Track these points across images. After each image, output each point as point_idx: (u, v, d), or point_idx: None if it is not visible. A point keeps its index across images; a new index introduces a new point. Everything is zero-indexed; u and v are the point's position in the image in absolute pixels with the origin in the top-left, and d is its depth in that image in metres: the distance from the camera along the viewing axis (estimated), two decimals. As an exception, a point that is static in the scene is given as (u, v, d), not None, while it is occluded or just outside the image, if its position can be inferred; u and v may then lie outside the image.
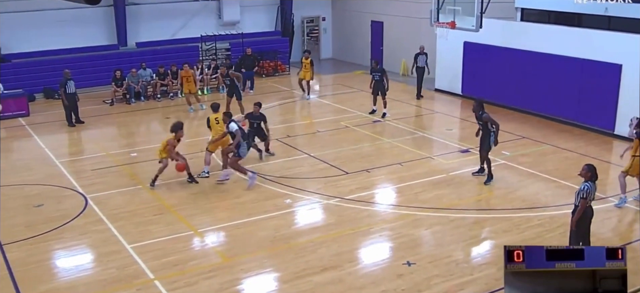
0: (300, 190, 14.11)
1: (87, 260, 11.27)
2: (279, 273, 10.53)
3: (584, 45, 18.62)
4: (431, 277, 10.24)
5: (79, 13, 24.29)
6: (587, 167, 9.87)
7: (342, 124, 19.42)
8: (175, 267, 10.65)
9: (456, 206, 13.16)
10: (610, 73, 17.73)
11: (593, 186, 9.71)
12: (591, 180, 9.70)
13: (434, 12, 19.93)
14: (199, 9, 27.93)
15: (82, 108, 20.42)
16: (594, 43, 18.41)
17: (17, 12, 23.92)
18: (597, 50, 18.18)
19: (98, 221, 12.60)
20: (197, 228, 12.19)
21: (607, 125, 18.04)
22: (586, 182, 9.69)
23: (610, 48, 17.88)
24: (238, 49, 26.77)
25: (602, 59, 17.95)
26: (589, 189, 9.65)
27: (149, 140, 18.41)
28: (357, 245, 11.58)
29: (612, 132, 17.92)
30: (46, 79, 23.98)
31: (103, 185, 14.56)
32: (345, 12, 30.83)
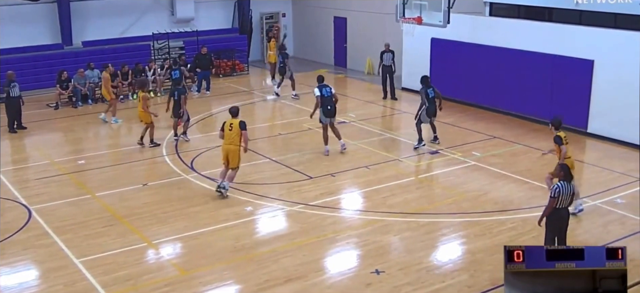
0: (261, 196, 14.06)
1: (31, 277, 11.04)
2: (241, 286, 10.49)
3: (554, 41, 18.95)
4: (401, 285, 10.29)
5: (18, 10, 23.87)
6: (560, 166, 10.07)
7: (305, 126, 19.42)
8: (127, 282, 10.51)
9: (426, 210, 13.27)
10: (582, 69, 18.08)
11: (566, 186, 9.88)
12: (565, 180, 9.87)
13: (400, 7, 20.10)
14: (150, 6, 27.69)
15: (24, 112, 20.03)
16: (565, 38, 18.75)
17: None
18: (568, 46, 18.52)
19: (43, 234, 12.38)
20: (151, 240, 12.05)
21: (579, 123, 18.37)
22: (559, 182, 9.87)
23: (582, 43, 18.23)
24: (193, 48, 26.56)
25: (574, 54, 18.30)
26: (560, 189, 9.81)
27: (97, 146, 18.17)
28: (323, 253, 11.58)
29: (585, 130, 18.28)
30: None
31: (48, 196, 14.31)
32: (306, 7, 30.89)
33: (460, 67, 21.61)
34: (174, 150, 17.33)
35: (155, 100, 23.48)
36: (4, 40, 24.38)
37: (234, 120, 13.80)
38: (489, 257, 11.12)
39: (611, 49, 17.47)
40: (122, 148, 17.94)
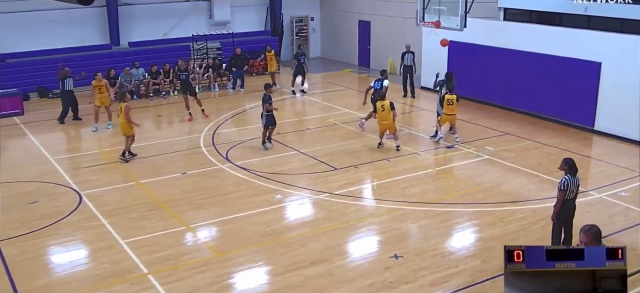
0: (290, 185, 14.10)
1: (81, 255, 11.20)
2: (270, 267, 10.52)
3: (564, 44, 18.70)
4: (418, 269, 10.26)
5: (72, 13, 24.13)
6: (565, 161, 9.94)
7: (330, 121, 19.42)
8: (167, 262, 10.61)
9: (442, 200, 13.19)
10: (590, 70, 17.82)
11: (572, 179, 9.77)
12: (570, 174, 9.76)
13: (420, 12, 19.94)
14: (190, 9, 27.83)
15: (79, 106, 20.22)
16: (575, 42, 18.49)
17: (11, 13, 23.73)
18: (577, 49, 18.27)
19: (92, 217, 12.54)
20: (189, 224, 12.15)
21: (587, 121, 18.14)
22: (565, 176, 9.76)
23: (590, 46, 17.96)
24: (229, 49, 26.66)
25: (582, 57, 18.03)
26: (567, 182, 9.72)
27: (141, 138, 18.32)
28: (346, 239, 11.59)
29: (592, 127, 18.03)
30: (40, 78, 23.82)
31: (97, 182, 14.48)
32: (333, 11, 30.81)
33: (476, 68, 21.41)
34: (210, 142, 17.44)
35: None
36: (60, 40, 24.80)
37: (384, 102, 16.15)
38: (500, 244, 10.99)
39: (617, 52, 17.19)
40: (163, 140, 18.07)
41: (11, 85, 22.01)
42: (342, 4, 30.01)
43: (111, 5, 25.66)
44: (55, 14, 23.86)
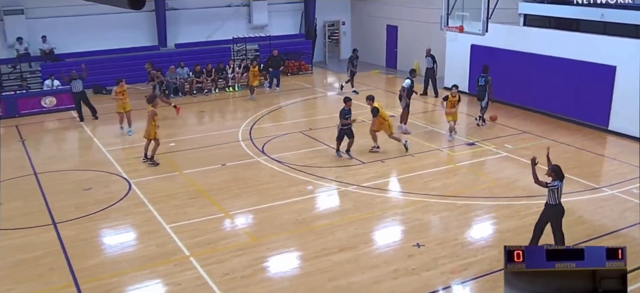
0: (320, 177, 14.13)
1: (130, 238, 11.40)
2: (301, 253, 10.57)
3: (581, 49, 18.36)
4: (438, 257, 10.21)
5: (124, 17, 24.50)
6: (552, 168, 9.78)
7: (359, 119, 19.33)
8: (208, 246, 10.74)
9: (462, 194, 13.08)
10: (605, 74, 17.47)
11: (561, 184, 9.65)
12: (559, 180, 9.63)
13: (444, 17, 19.80)
14: (231, 14, 28.01)
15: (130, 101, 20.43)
16: (591, 46, 18.14)
17: (68, 16, 24.22)
18: (593, 53, 17.92)
19: (140, 203, 12.74)
20: (228, 211, 12.26)
21: (601, 122, 17.80)
22: (554, 181, 9.64)
23: (606, 51, 17.61)
24: (266, 50, 26.79)
25: (598, 61, 17.69)
26: (559, 186, 9.64)
27: (185, 132, 18.56)
28: (372, 228, 11.58)
29: (606, 128, 17.68)
30: (95, 76, 24.14)
31: (145, 172, 14.70)
32: (363, 17, 30.70)
33: (496, 71, 21.03)
34: (248, 136, 17.56)
35: (234, 93, 23.89)
36: (113, 41, 25.22)
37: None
38: (516, 236, 10.92)
39: (632, 57, 16.74)
40: (205, 134, 18.25)
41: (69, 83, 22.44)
42: (371, 9, 29.89)
43: (160, 9, 25.97)
44: (109, 18, 24.26)
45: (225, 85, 24.42)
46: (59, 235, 11.25)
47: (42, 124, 19.80)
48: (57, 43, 24.21)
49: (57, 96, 21.15)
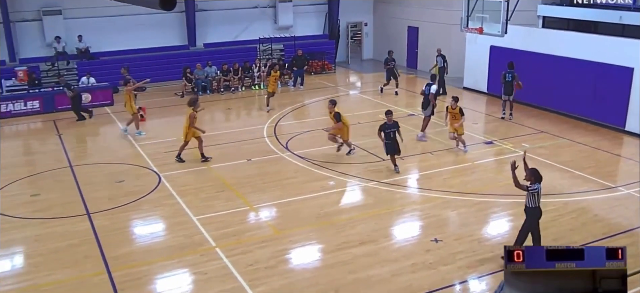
0: (342, 173, 14.14)
1: (159, 228, 11.55)
2: (323, 245, 10.61)
3: (599, 50, 18.07)
4: (456, 252, 10.17)
5: (156, 18, 24.74)
6: (531, 171, 9.55)
7: (380, 117, 19.28)
8: (233, 237, 10.83)
9: (480, 191, 13.00)
10: (622, 75, 17.17)
11: (540, 186, 9.46)
12: (538, 182, 9.43)
13: (464, 19, 19.66)
14: (257, 15, 28.11)
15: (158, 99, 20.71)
16: (609, 48, 17.84)
17: (103, 17, 24.54)
18: (611, 55, 17.63)
19: (169, 196, 12.89)
20: (253, 205, 12.35)
21: (618, 122, 17.51)
22: (534, 184, 9.42)
23: (624, 53, 17.29)
24: (291, 50, 26.87)
25: (616, 62, 17.40)
26: (539, 189, 9.44)
27: (213, 128, 18.68)
28: (391, 223, 11.57)
29: (623, 128, 17.40)
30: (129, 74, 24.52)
31: (174, 165, 14.85)
32: (385, 18, 30.58)
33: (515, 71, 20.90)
34: (273, 133, 17.64)
35: (260, 91, 24.02)
36: (145, 41, 25.50)
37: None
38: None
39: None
40: (232, 130, 18.38)
41: (103, 80, 22.82)
42: (393, 10, 29.76)
43: (189, 10, 26.18)
44: (141, 18, 24.52)
45: (251, 84, 24.56)
46: (93, 225, 11.45)
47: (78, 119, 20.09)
48: (93, 42, 24.57)
49: (92, 92, 21.47)
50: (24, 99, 20.45)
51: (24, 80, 22.10)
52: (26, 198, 12.94)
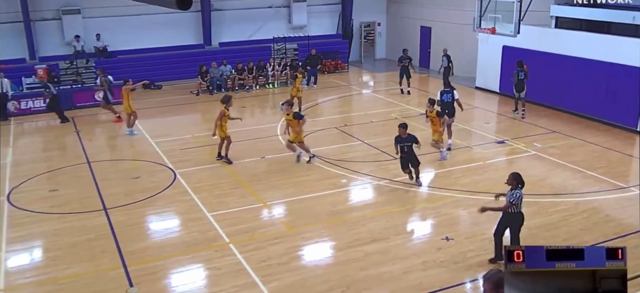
0: (354, 172, 14.13)
1: (174, 224, 11.63)
2: (335, 242, 10.61)
3: (612, 51, 17.87)
4: (466, 251, 10.12)
5: (172, 17, 24.84)
6: (513, 176, 9.34)
7: (392, 116, 19.29)
8: (246, 234, 10.86)
9: (491, 190, 12.81)
10: (635, 76, 16.94)
11: (521, 192, 9.26)
12: (518, 188, 9.24)
13: (477, 19, 19.54)
14: (272, 15, 28.16)
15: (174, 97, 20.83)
16: (622, 49, 17.64)
17: (120, 16, 24.72)
18: (624, 55, 17.42)
19: (184, 192, 12.96)
20: (266, 202, 12.38)
21: (631, 122, 17.31)
22: (514, 190, 9.23)
23: (637, 53, 17.05)
24: (304, 50, 26.89)
25: (629, 63, 17.19)
26: (520, 196, 9.23)
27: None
28: (403, 221, 11.54)
29: (635, 128, 17.20)
30: (144, 72, 24.64)
31: (189, 162, 14.93)
32: (398, 18, 30.49)
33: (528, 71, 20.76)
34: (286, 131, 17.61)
35: (274, 90, 24.06)
36: (161, 39, 25.66)
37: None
38: (543, 232, 10.75)
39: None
40: (246, 127, 18.40)
41: (120, 78, 22.88)
42: (406, 10, 29.66)
43: (205, 10, 26.29)
44: (158, 18, 24.64)
45: (266, 82, 24.62)
46: (110, 220, 11.54)
47: (96, 117, 20.28)
48: (110, 41, 24.75)
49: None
50: (43, 96, 20.65)
51: (43, 78, 22.31)
52: (45, 194, 13.08)
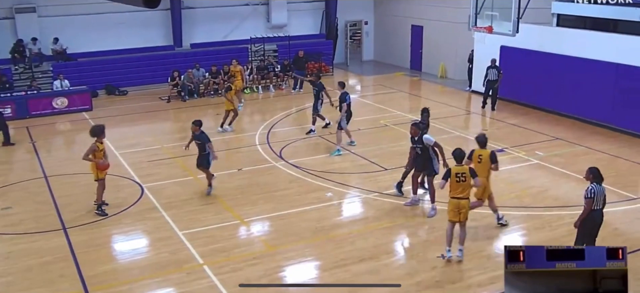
0: (341, 184, 14.11)
1: (142, 244, 11.51)
2: (319, 262, 10.57)
3: (618, 50, 18.10)
4: (465, 270, 10.13)
5: (138, 16, 24.77)
6: (590, 170, 9.52)
7: (381, 123, 19.34)
8: (222, 253, 10.79)
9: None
10: (644, 77, 17.22)
11: (599, 188, 9.38)
12: (596, 182, 9.38)
13: (473, 17, 19.71)
14: (249, 13, 28.17)
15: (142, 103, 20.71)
16: (629, 48, 17.87)
17: (81, 15, 24.56)
18: (631, 55, 17.65)
19: (152, 209, 12.85)
20: (243, 218, 12.31)
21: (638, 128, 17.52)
22: (591, 184, 9.39)
23: (645, 53, 17.35)
24: (284, 51, 26.88)
25: (637, 63, 17.42)
26: (594, 190, 9.34)
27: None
28: (394, 237, 11.53)
29: (648, 134, 17.41)
30: (108, 77, 24.57)
31: (158, 176, 14.82)
32: (386, 16, 30.66)
33: (527, 73, 20.97)
34: (265, 140, 17.61)
35: (252, 95, 24.00)
36: (126, 41, 25.52)
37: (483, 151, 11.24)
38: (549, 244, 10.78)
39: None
40: (221, 137, 18.32)
41: (81, 83, 22.80)
42: (395, 8, 29.84)
43: (175, 8, 26.23)
44: (122, 17, 24.54)
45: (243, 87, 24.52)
46: (69, 240, 11.39)
47: (53, 126, 20.07)
48: (70, 42, 24.53)
49: (69, 97, 21.44)
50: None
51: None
52: (-4, 212, 12.87)
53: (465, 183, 10.11)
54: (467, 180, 10.11)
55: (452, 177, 10.16)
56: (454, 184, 10.15)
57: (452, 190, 10.22)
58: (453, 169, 10.22)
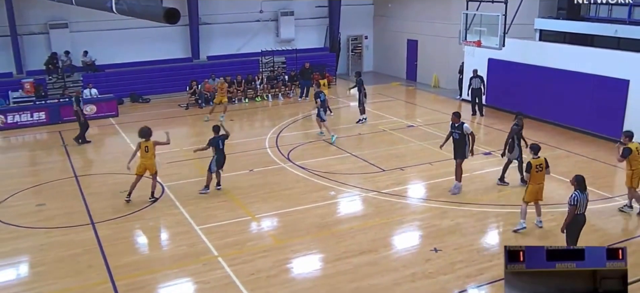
0: (343, 184, 14.10)
1: (163, 238, 11.53)
2: (323, 255, 10.56)
3: (595, 63, 18.07)
4: (455, 262, 10.11)
5: (160, 31, 24.82)
6: (575, 177, 9.45)
7: (380, 128, 19.32)
8: (235, 247, 10.78)
9: (478, 201, 12.95)
10: (618, 87, 17.16)
11: (582, 195, 9.33)
12: (580, 190, 9.33)
13: (463, 32, 19.71)
14: (260, 28, 28.19)
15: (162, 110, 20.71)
16: (605, 61, 17.84)
17: (108, 30, 24.59)
18: (607, 67, 17.62)
19: (172, 206, 12.85)
20: (255, 214, 12.30)
21: (614, 133, 17.42)
22: (575, 191, 9.33)
23: (619, 65, 17.30)
24: (292, 63, 26.90)
25: (612, 75, 17.39)
26: (577, 197, 9.28)
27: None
28: (391, 232, 11.51)
29: (619, 139, 17.30)
30: (132, 86, 24.62)
31: (177, 176, 14.83)
32: (385, 31, 30.64)
33: (513, 83, 20.93)
34: (274, 144, 17.61)
35: (262, 103, 24.00)
36: (149, 53, 25.57)
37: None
38: (531, 242, 10.76)
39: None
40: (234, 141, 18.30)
41: (108, 92, 22.86)
42: (393, 24, 29.82)
43: (193, 24, 26.25)
44: (146, 32, 24.58)
45: (254, 95, 24.57)
46: (97, 234, 11.41)
47: (83, 130, 20.08)
48: (98, 55, 24.61)
49: (97, 104, 21.49)
50: (30, 110, 20.47)
51: (30, 92, 22.14)
52: (31, 208, 12.91)
53: (543, 172, 11.11)
54: (543, 169, 11.09)
55: (533, 168, 10.92)
56: (535, 175, 10.98)
57: (533, 180, 11.01)
58: (533, 162, 10.99)
